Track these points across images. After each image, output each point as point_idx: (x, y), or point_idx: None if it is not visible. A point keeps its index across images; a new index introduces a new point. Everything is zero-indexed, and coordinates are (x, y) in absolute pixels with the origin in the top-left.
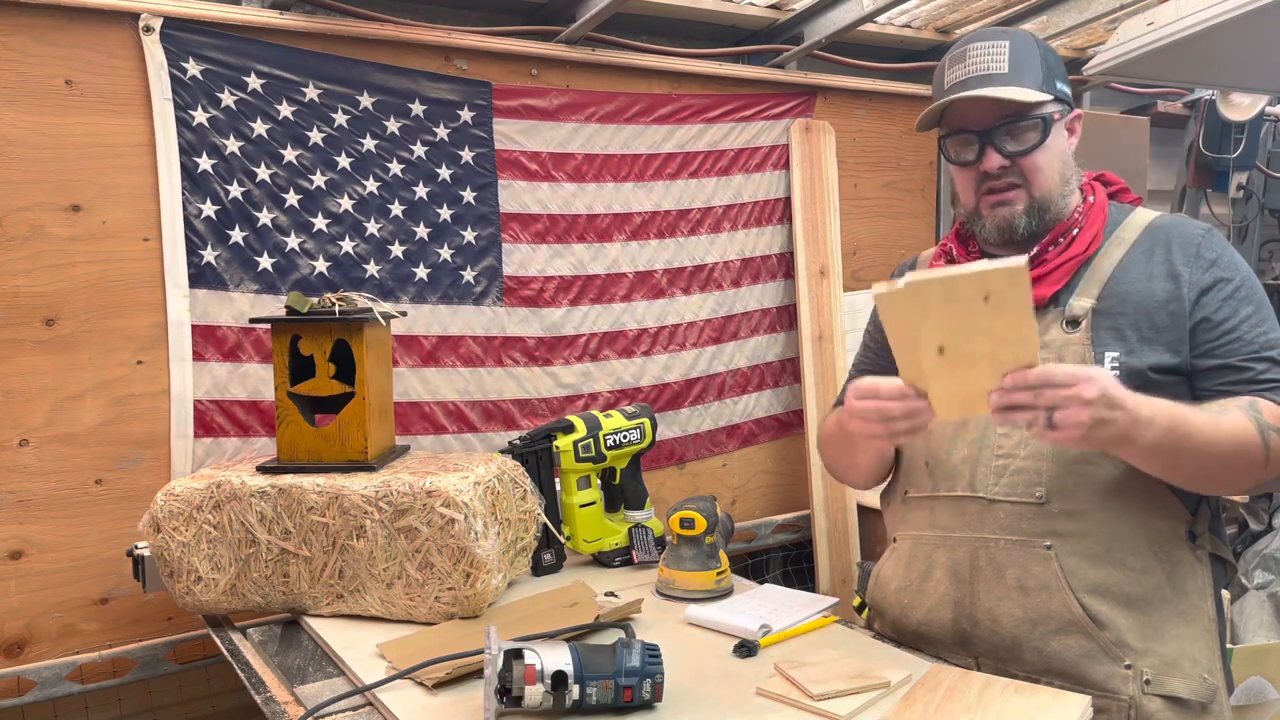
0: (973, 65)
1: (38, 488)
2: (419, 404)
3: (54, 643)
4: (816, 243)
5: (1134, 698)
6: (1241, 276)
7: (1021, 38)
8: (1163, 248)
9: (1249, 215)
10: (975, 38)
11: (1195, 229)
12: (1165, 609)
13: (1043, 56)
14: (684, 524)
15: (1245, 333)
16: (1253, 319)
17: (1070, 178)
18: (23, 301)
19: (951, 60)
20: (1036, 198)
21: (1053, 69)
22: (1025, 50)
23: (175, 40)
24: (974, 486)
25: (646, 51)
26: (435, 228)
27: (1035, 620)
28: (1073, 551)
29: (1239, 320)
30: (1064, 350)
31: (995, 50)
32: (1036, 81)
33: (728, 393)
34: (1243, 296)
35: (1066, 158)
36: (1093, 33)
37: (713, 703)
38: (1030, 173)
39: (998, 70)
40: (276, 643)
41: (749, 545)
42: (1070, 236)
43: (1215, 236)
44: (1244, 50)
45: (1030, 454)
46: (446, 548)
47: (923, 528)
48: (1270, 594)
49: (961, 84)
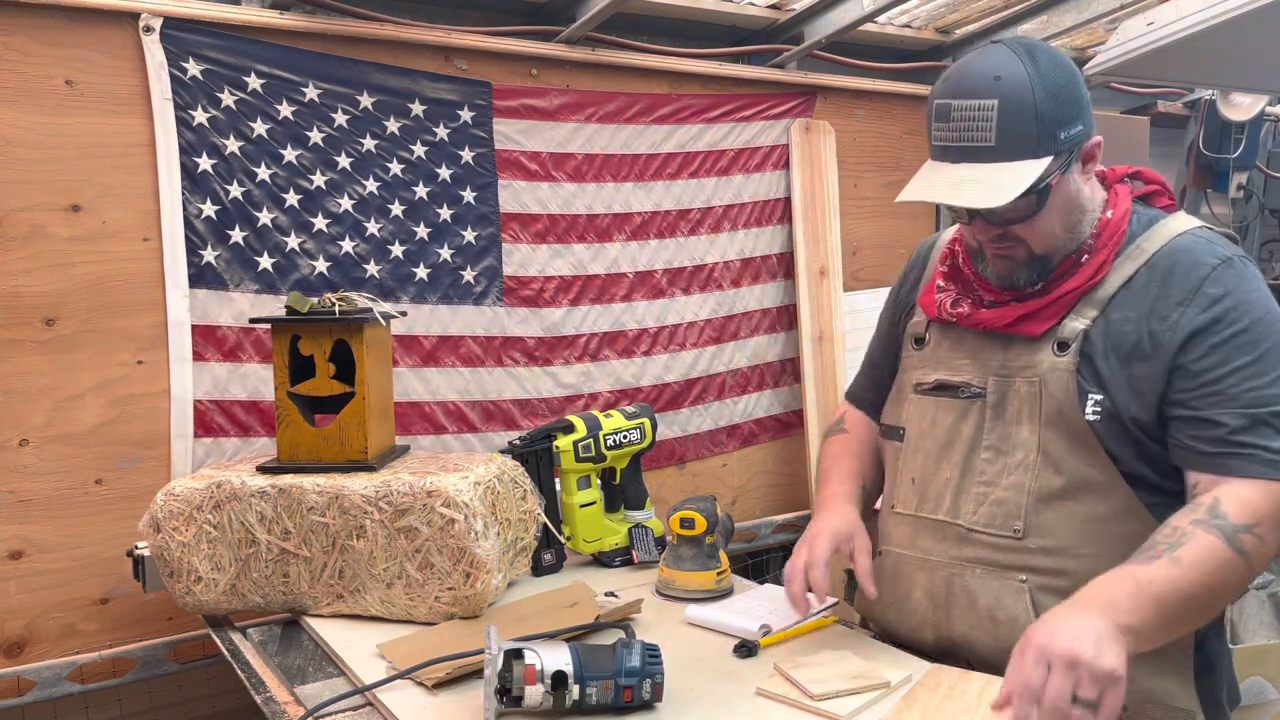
0: (956, 130)
1: (38, 488)
2: (419, 404)
3: (54, 643)
4: (816, 243)
5: None
6: (1250, 320)
7: (1014, 89)
8: (1161, 281)
9: (1249, 215)
10: (960, 87)
11: (1209, 258)
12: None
13: (1039, 111)
14: (684, 524)
15: (1232, 385)
16: (1248, 370)
17: (1081, 219)
18: (23, 301)
19: (938, 114)
20: (1039, 254)
21: (1053, 118)
22: (1017, 108)
23: (175, 40)
24: (955, 513)
25: (646, 51)
26: (435, 228)
27: (1006, 650)
28: (1047, 588)
29: (1228, 370)
30: (1049, 376)
31: (980, 114)
32: (1030, 147)
33: (728, 393)
34: (1242, 343)
35: (1075, 202)
36: (1093, 33)
37: (713, 703)
38: (1027, 236)
39: (982, 142)
40: (276, 643)
41: (749, 545)
42: (1078, 267)
43: (1232, 269)
44: (1244, 50)
45: (1011, 485)
46: (446, 548)
47: (905, 546)
48: (1270, 594)
49: (943, 150)
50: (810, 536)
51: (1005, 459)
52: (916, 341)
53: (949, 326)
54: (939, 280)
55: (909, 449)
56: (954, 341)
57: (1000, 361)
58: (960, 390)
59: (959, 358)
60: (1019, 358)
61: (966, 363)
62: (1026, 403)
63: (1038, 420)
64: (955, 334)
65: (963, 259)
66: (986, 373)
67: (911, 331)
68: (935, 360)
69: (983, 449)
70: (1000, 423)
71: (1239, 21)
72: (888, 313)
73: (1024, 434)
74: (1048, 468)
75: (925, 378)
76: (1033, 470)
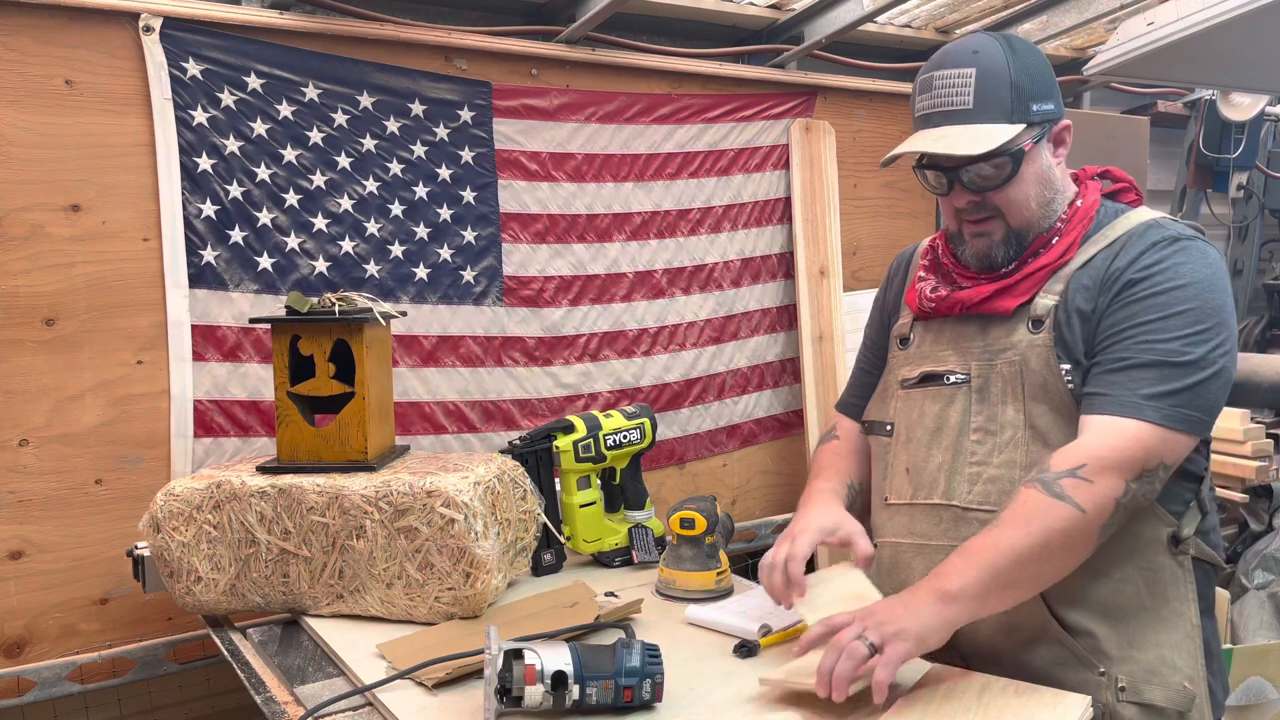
0: (937, 97)
1: (38, 488)
2: (419, 404)
3: (54, 643)
4: (816, 243)
5: (1109, 705)
6: (1175, 285)
7: (990, 62)
8: (1121, 251)
9: (1249, 215)
10: (942, 61)
11: (1157, 236)
12: (1144, 616)
13: (1013, 81)
14: (684, 524)
15: (1130, 336)
16: (1151, 325)
17: (1054, 197)
18: (23, 301)
19: (921, 87)
20: (1014, 228)
21: (1026, 91)
22: (993, 77)
23: (175, 40)
24: (949, 494)
25: (646, 51)
26: (435, 228)
27: (1010, 629)
28: None
29: (1132, 324)
30: (1028, 353)
31: (960, 81)
32: (1004, 112)
33: (728, 393)
34: (1155, 304)
35: (1048, 178)
36: (1093, 33)
37: (713, 703)
38: (1004, 205)
39: (960, 105)
40: (276, 643)
41: (749, 545)
42: (1049, 246)
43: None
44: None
45: (1003, 463)
46: (446, 548)
47: (902, 535)
48: (1270, 594)
49: (925, 118)
50: (793, 532)
51: (994, 438)
52: (902, 342)
53: (930, 322)
54: (920, 273)
55: (899, 441)
56: (935, 335)
57: (981, 346)
58: (945, 378)
59: (941, 349)
60: (997, 341)
61: (949, 352)
62: (1010, 383)
63: (1021, 398)
64: (936, 327)
65: (943, 250)
66: (969, 358)
67: (897, 333)
68: (920, 355)
69: (972, 431)
70: (986, 405)
71: (1239, 21)
72: (875, 321)
73: (1009, 413)
74: (1036, 442)
75: (910, 373)
76: (1022, 447)
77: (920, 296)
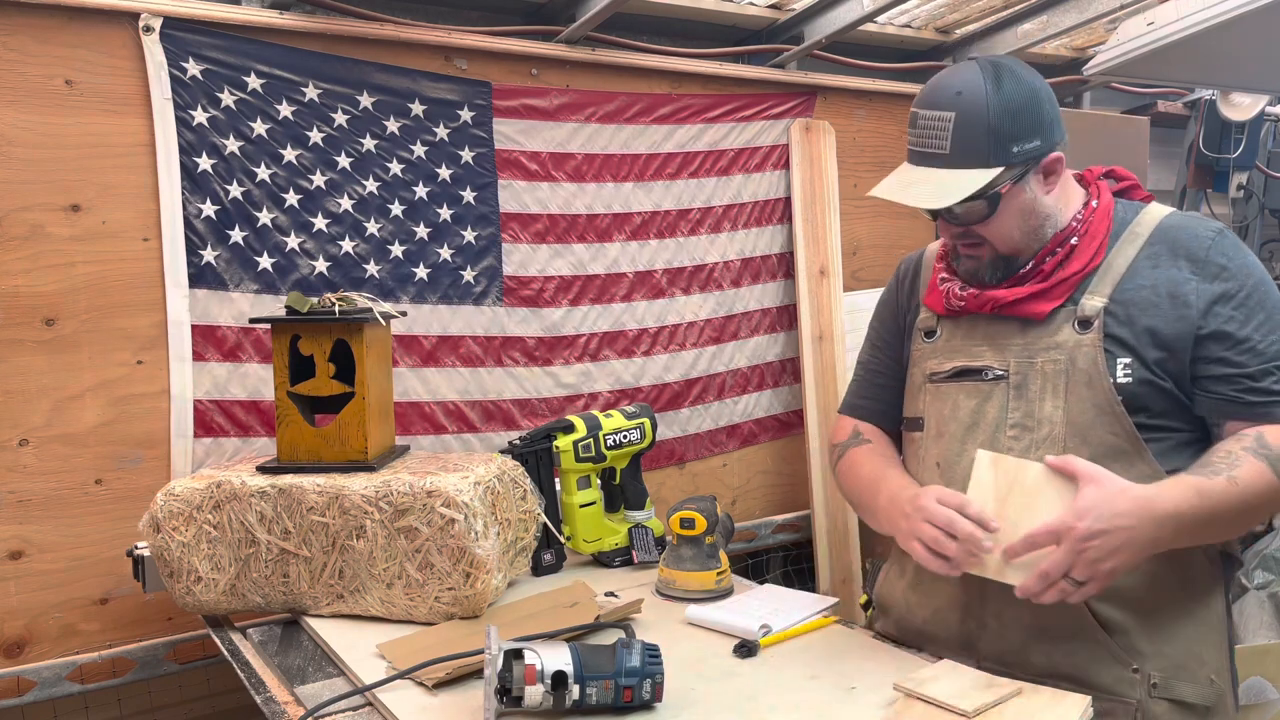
0: (920, 137)
1: (38, 488)
2: (419, 404)
3: (54, 643)
4: (816, 243)
5: (1141, 701)
6: (1254, 282)
7: (970, 105)
8: (1169, 254)
9: (1249, 215)
10: (929, 98)
11: (1204, 231)
12: (1175, 609)
13: (992, 126)
14: (684, 524)
15: (1257, 342)
16: (1265, 326)
17: (1042, 224)
18: (23, 301)
19: (910, 120)
20: (1002, 254)
21: (1006, 133)
22: (971, 123)
23: (175, 40)
24: None
25: (646, 51)
26: (435, 228)
27: (1044, 625)
28: None
29: (1251, 329)
30: (1075, 352)
31: (939, 125)
32: (981, 157)
33: (728, 393)
34: (1255, 304)
35: (1032, 209)
36: (1093, 33)
37: (713, 703)
38: (989, 236)
39: (937, 150)
40: (276, 643)
41: (749, 545)
42: (1069, 247)
43: (1227, 239)
44: (1244, 50)
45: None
46: (446, 548)
47: None
48: (1270, 594)
49: (911, 153)
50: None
51: (1031, 434)
52: (927, 334)
53: (959, 318)
54: (940, 275)
55: (930, 436)
56: (967, 330)
57: (1021, 344)
58: (983, 373)
59: (975, 344)
60: (1039, 339)
61: (984, 348)
62: (1051, 379)
63: (1062, 395)
64: (967, 324)
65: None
66: (1007, 355)
67: (921, 326)
68: (950, 349)
69: (1008, 427)
70: (1024, 401)
71: (1239, 21)
72: (884, 323)
73: (1048, 409)
74: (1074, 438)
75: (940, 366)
76: (1060, 443)
77: (948, 295)
